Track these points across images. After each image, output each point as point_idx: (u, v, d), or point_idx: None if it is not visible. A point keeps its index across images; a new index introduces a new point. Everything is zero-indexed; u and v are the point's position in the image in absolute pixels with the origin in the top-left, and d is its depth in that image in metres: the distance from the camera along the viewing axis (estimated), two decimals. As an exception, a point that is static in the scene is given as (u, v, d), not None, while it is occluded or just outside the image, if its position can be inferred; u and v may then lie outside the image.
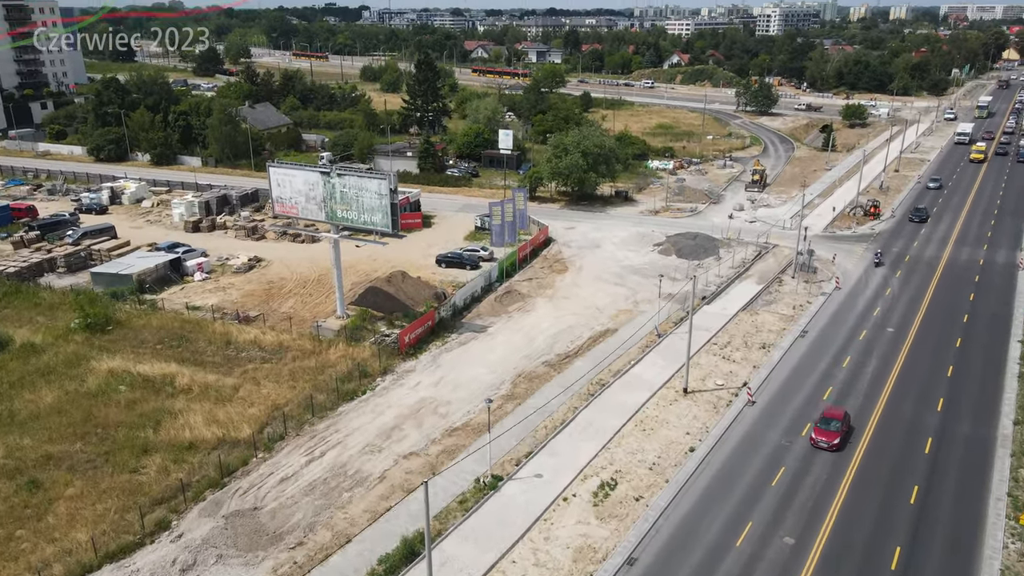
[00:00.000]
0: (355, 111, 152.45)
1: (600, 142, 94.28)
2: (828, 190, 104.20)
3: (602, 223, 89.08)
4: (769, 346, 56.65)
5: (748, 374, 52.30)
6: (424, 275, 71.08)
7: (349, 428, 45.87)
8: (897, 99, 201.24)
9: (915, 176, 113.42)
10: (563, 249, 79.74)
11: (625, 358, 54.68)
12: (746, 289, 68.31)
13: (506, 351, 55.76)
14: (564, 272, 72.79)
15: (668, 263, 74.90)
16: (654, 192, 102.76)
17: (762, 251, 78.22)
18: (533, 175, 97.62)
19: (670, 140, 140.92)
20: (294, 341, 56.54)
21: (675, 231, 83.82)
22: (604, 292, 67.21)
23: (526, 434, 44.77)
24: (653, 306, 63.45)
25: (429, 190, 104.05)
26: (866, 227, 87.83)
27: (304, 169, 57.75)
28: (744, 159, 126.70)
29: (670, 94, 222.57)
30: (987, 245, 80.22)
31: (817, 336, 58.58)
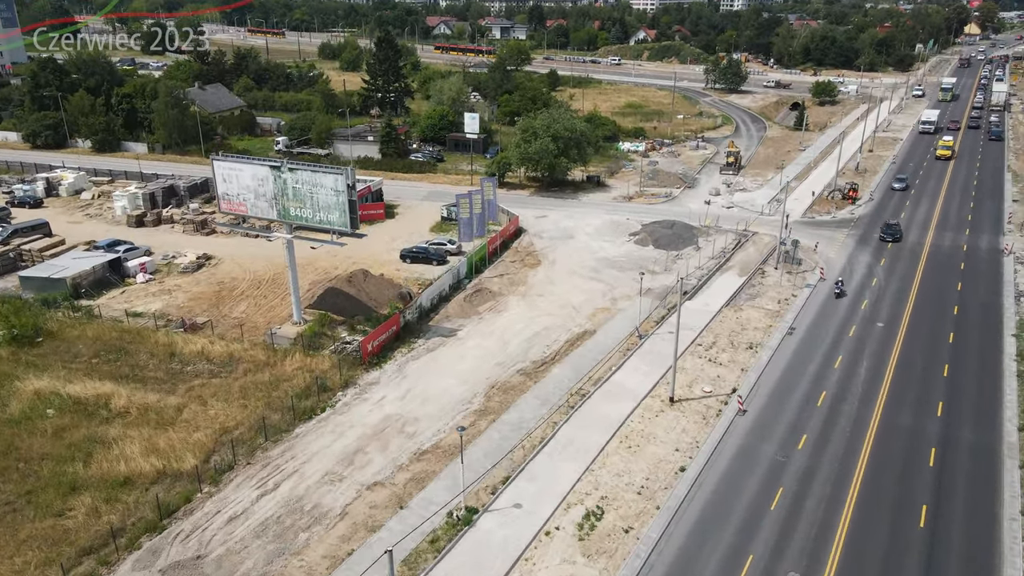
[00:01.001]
0: (312, 92, 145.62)
1: (571, 125, 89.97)
2: (804, 172, 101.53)
3: (574, 211, 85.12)
4: (756, 346, 53.48)
5: (737, 379, 49.04)
6: (387, 272, 66.50)
7: (307, 453, 41.52)
8: (864, 75, 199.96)
9: (889, 156, 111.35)
10: (535, 240, 75.67)
11: (605, 364, 51.03)
12: (728, 282, 65.07)
13: (478, 358, 51.72)
14: (537, 266, 68.77)
15: (645, 255, 71.33)
16: (627, 176, 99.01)
17: (741, 239, 75.07)
18: (501, 160, 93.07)
19: (640, 120, 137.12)
20: (246, 351, 51.75)
21: (650, 219, 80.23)
22: (580, 288, 63.40)
23: (502, 456, 40.91)
24: (632, 303, 59.86)
25: (392, 177, 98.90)
26: (845, 211, 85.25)
27: (252, 163, 52.55)
28: (717, 139, 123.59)
29: (637, 71, 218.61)
30: (969, 230, 78.13)
31: (805, 334, 55.58)
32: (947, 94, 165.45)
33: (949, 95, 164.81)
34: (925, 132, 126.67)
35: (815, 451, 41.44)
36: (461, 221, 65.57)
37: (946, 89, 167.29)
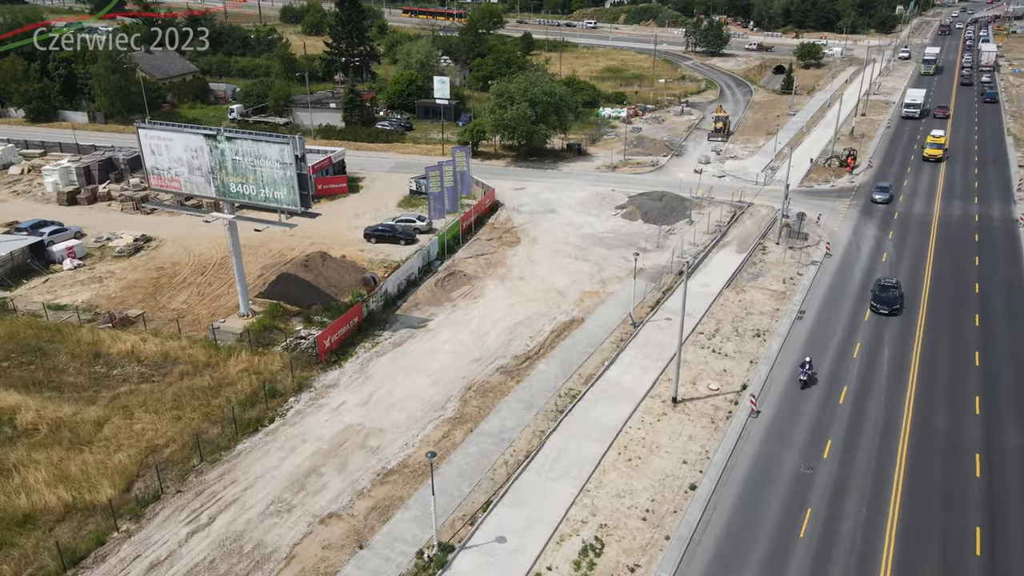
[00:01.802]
0: (271, 56, 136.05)
1: (549, 89, 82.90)
2: (796, 138, 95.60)
3: (555, 182, 78.43)
4: (764, 333, 47.71)
5: (746, 373, 43.26)
6: (350, 254, 59.61)
7: (250, 476, 35.04)
8: (846, 38, 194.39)
9: (883, 120, 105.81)
10: (513, 215, 69.01)
11: (598, 357, 44.93)
12: (726, 260, 59.14)
13: (452, 354, 45.34)
14: (516, 244, 62.21)
15: (634, 230, 65.07)
16: (609, 144, 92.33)
17: (737, 212, 69.10)
18: (474, 128, 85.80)
19: (620, 84, 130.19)
20: (183, 350, 44.84)
21: (638, 190, 73.87)
22: (565, 269, 57.05)
23: (481, 475, 34.80)
24: (624, 286, 53.76)
25: (356, 147, 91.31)
26: (844, 180, 79.61)
27: (184, 131, 44.99)
28: (702, 104, 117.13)
29: (615, 34, 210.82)
30: (978, 198, 72.91)
31: (816, 318, 49.93)
32: (930, 67, 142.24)
33: (932, 67, 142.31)
34: (909, 117, 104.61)
35: (843, 461, 35.89)
36: (431, 195, 58.63)
37: (929, 61, 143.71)
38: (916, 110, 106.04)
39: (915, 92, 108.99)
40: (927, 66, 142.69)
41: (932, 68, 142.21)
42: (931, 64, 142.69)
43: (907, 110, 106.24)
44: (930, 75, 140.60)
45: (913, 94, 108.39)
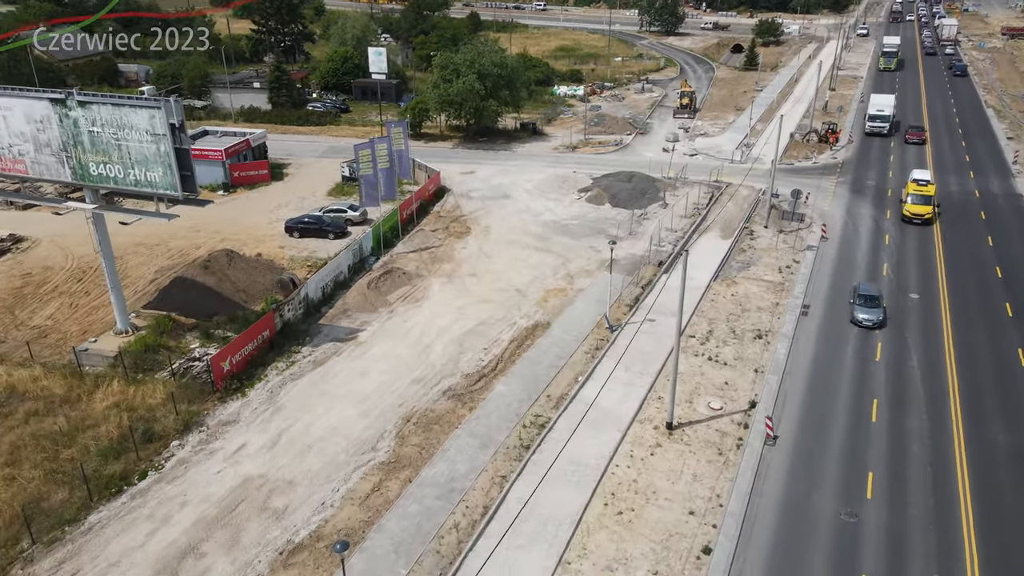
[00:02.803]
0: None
1: (500, 60, 73.76)
2: (767, 114, 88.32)
3: (509, 164, 69.41)
4: (767, 334, 39.62)
5: (752, 386, 35.05)
6: (267, 251, 49.78)
7: (100, 564, 25.31)
8: (801, 17, 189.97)
9: (854, 95, 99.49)
10: (462, 202, 59.79)
11: (569, 372, 36.19)
12: (711, 246, 51.04)
13: (387, 373, 36.09)
14: (466, 235, 53.07)
15: (602, 215, 56.54)
16: (567, 123, 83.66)
17: (715, 192, 61.15)
18: (417, 106, 76.17)
19: (574, 63, 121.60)
20: (35, 382, 34.61)
21: (602, 171, 65.37)
22: (524, 263, 48.16)
23: (424, 546, 25.73)
24: (595, 281, 45.18)
25: (284, 131, 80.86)
26: (826, 155, 72.47)
27: (25, 96, 34.52)
28: (663, 81, 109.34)
29: (565, 16, 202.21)
30: (973, 173, 66.40)
31: (825, 313, 42.10)
32: (891, 60, 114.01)
33: (894, 61, 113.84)
34: (875, 133, 78.77)
35: (893, 501, 27.89)
36: (363, 180, 49.04)
37: (889, 54, 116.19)
38: (884, 124, 78.16)
39: (881, 99, 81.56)
40: (887, 59, 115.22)
41: (893, 62, 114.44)
42: (892, 57, 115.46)
43: (872, 124, 78.88)
44: (891, 71, 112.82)
45: (879, 101, 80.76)
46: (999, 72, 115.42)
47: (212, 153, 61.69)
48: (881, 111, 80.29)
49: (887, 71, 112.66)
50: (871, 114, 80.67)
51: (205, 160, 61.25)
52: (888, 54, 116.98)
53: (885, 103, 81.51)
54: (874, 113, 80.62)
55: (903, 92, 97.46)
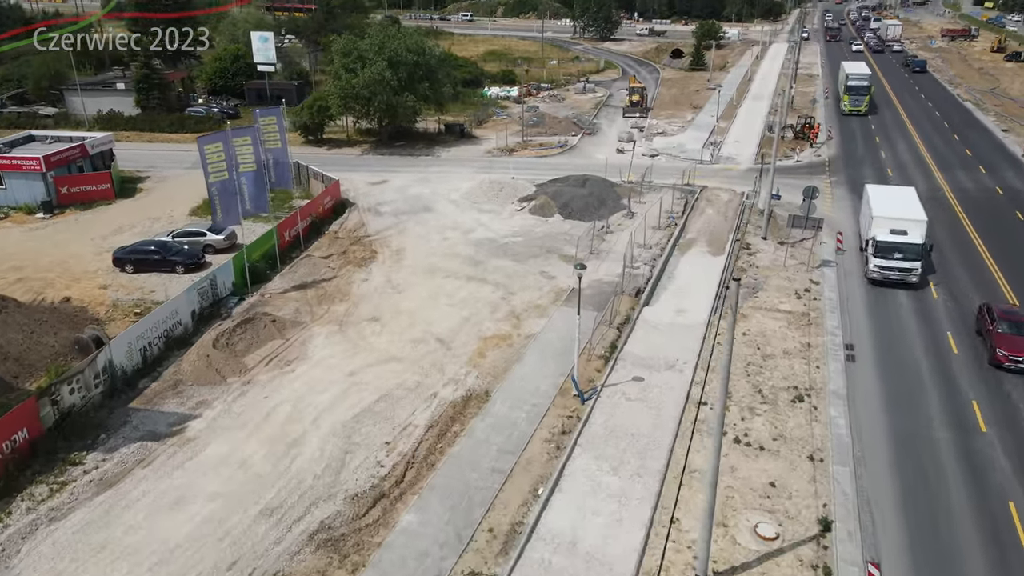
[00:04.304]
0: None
1: (416, 45, 60.24)
2: (728, 112, 77.45)
3: (431, 171, 55.78)
4: (808, 393, 26.82)
5: (812, 487, 22.03)
6: (83, 293, 34.66)
7: None
8: (735, 25, 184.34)
9: (815, 91, 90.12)
10: (368, 218, 45.70)
11: (522, 480, 22.40)
12: (700, 266, 38.36)
13: (218, 499, 21.59)
14: (370, 262, 38.91)
15: (552, 230, 43.33)
16: (500, 125, 70.57)
17: (689, 198, 48.88)
18: (315, 104, 61.78)
19: (507, 66, 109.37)
20: None
21: (547, 175, 52.38)
22: (450, 299, 34.29)
23: None
24: (550, 320, 31.77)
25: (151, 139, 65.48)
26: (808, 153, 61.47)
27: None
28: (605, 82, 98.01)
29: (494, 26, 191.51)
30: (984, 168, 56.20)
31: (876, 356, 29.73)
32: (860, 101, 73.76)
33: (864, 102, 73.74)
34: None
35: None
36: (215, 190, 34.25)
37: (857, 90, 73.96)
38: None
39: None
40: (855, 98, 73.85)
41: (864, 102, 73.64)
42: (861, 95, 73.82)
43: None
44: (860, 114, 73.66)
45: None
46: (954, 69, 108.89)
47: (27, 164, 46.04)
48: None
49: (854, 114, 73.54)
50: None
51: (17, 172, 46.09)
52: (855, 90, 73.88)
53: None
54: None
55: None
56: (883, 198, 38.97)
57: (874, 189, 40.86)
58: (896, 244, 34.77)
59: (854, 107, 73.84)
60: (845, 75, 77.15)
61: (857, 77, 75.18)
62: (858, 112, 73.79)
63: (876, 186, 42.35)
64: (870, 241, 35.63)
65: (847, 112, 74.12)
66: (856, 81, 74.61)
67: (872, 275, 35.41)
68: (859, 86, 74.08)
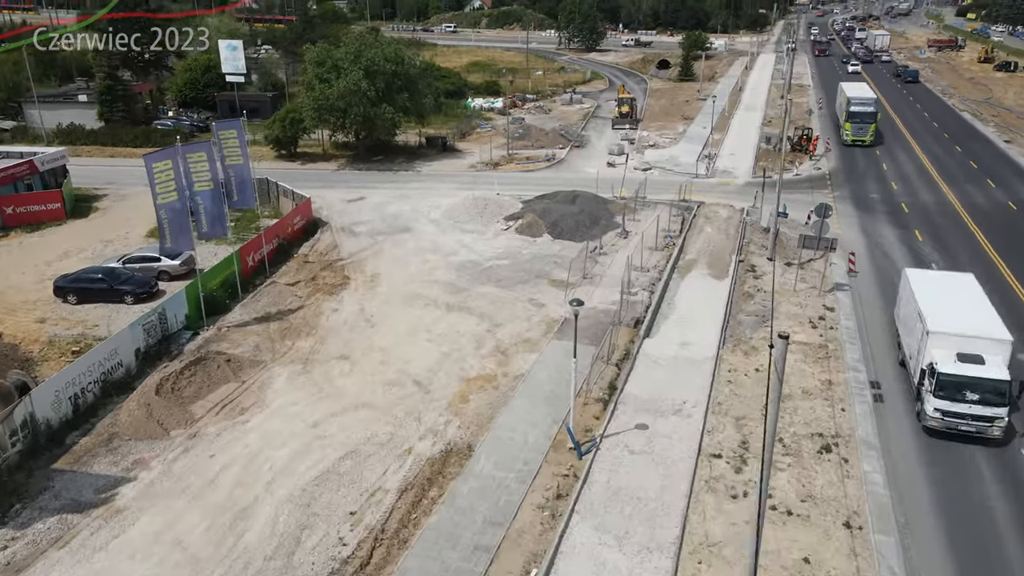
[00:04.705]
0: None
1: (394, 54, 56.96)
2: (721, 123, 74.73)
3: (411, 187, 52.40)
4: (835, 441, 23.59)
5: (853, 563, 18.66)
6: (16, 327, 30.99)
7: None
8: (720, 36, 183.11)
9: (807, 102, 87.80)
10: (342, 239, 42.19)
11: (513, 557, 18.88)
12: (702, 291, 35.15)
13: (143, 594, 17.95)
14: (342, 289, 35.36)
15: (541, 251, 40.01)
16: (484, 138, 67.35)
17: (685, 215, 45.78)
18: (288, 116, 58.29)
19: (491, 76, 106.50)
20: None
21: (535, 191, 49.13)
22: (429, 333, 30.78)
23: None
24: (541, 355, 28.39)
25: (112, 154, 61.76)
26: (808, 166, 58.66)
27: None
28: (593, 93, 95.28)
29: (478, 37, 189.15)
30: (992, 181, 53.60)
31: (906, 398, 26.50)
32: (864, 130, 62.82)
33: (869, 132, 62.89)
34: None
35: None
36: (163, 213, 30.54)
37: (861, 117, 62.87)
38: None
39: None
40: (859, 126, 62.90)
41: (869, 132, 62.84)
42: (866, 123, 62.80)
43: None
44: (864, 145, 62.54)
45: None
46: (945, 79, 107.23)
47: (-35, 181, 42.28)
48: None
49: (857, 145, 62.74)
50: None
51: (-46, 191, 42.04)
52: (859, 117, 62.70)
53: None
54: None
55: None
56: (936, 298, 26.47)
57: (918, 279, 28.73)
58: (969, 380, 23.11)
59: (857, 137, 63.27)
60: (846, 99, 65.24)
61: (861, 102, 63.96)
62: (862, 143, 62.97)
63: (920, 273, 30.23)
64: (924, 371, 24.08)
65: (849, 143, 63.33)
66: (860, 106, 63.53)
67: (930, 423, 23.79)
68: (863, 112, 63.27)
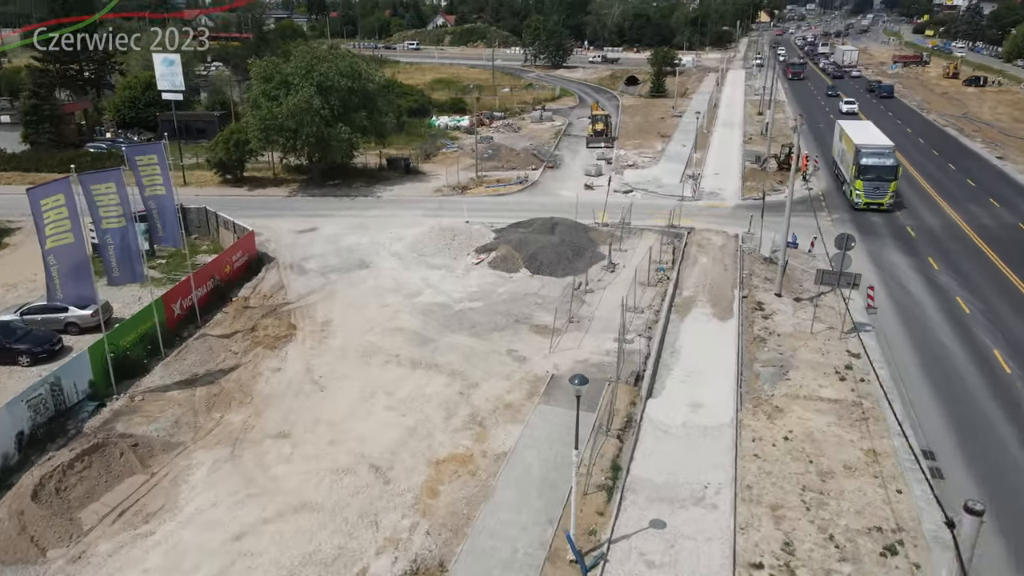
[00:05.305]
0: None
1: (350, 68, 51.87)
2: (701, 140, 70.99)
3: (370, 215, 47.15)
4: (897, 540, 18.89)
5: None
6: None
7: None
8: (687, 53, 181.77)
9: (784, 117, 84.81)
10: (290, 279, 36.72)
11: None
12: (706, 334, 30.46)
13: None
14: (286, 342, 29.89)
15: (519, 289, 35.04)
16: (451, 159, 62.41)
17: (676, 246, 41.29)
18: (232, 137, 52.70)
19: (457, 93, 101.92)
20: None
21: (508, 218, 44.27)
22: (389, 399, 25.48)
23: None
24: (527, 425, 23.37)
25: (36, 181, 54.78)
26: (798, 186, 54.59)
27: None
28: (563, 110, 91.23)
29: (441, 55, 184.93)
30: (996, 200, 50.24)
31: (971, 474, 22.03)
32: (881, 190, 45.93)
33: (887, 193, 46.10)
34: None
35: None
36: (52, 259, 24.85)
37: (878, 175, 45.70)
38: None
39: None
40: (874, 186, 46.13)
41: (888, 193, 46.45)
42: (884, 183, 46.04)
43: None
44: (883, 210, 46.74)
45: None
46: (918, 94, 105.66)
47: None
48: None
49: (873, 209, 46.49)
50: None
51: None
52: (873, 172, 46.08)
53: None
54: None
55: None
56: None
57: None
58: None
59: (873, 199, 46.00)
60: (853, 147, 47.01)
61: (874, 151, 45.99)
62: (878, 207, 46.15)
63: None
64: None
65: (862, 206, 46.29)
66: (874, 157, 45.56)
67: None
68: (879, 166, 45.42)
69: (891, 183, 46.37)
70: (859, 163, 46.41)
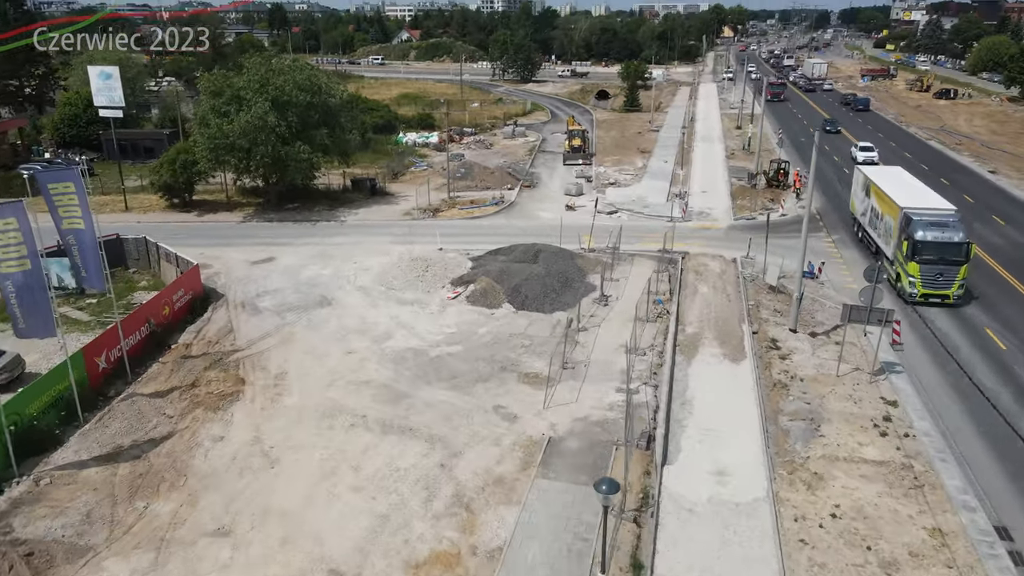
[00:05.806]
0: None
1: (309, 82, 47.49)
2: (683, 156, 67.83)
3: (333, 243, 42.63)
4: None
5: None
6: None
7: None
8: (655, 67, 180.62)
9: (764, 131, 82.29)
10: (241, 320, 32.12)
11: None
12: (719, 380, 26.62)
13: None
14: (232, 401, 25.31)
15: (503, 329, 30.90)
16: (420, 178, 58.24)
17: (672, 273, 37.58)
18: (179, 158, 47.81)
19: (424, 108, 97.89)
20: None
21: (485, 244, 40.21)
22: (355, 475, 21.11)
23: None
24: (524, 506, 19.12)
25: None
26: (792, 203, 51.77)
27: None
28: (536, 125, 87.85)
29: (407, 70, 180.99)
30: (1001, 219, 47.61)
31: (1060, 553, 18.39)
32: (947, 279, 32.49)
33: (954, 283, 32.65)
34: None
35: None
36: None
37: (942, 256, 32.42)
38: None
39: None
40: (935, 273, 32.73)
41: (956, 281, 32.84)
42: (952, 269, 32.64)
43: None
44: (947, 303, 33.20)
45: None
46: (892, 107, 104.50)
47: None
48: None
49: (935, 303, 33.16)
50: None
51: None
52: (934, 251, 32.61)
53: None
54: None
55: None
56: None
57: None
58: None
59: (935, 290, 33.08)
60: (901, 214, 34.89)
61: (934, 222, 33.74)
62: (944, 299, 33.12)
63: None
64: None
65: (919, 297, 33.10)
66: (934, 230, 33.12)
67: None
68: (944, 243, 32.67)
69: (961, 268, 32.65)
70: (913, 238, 32.87)
